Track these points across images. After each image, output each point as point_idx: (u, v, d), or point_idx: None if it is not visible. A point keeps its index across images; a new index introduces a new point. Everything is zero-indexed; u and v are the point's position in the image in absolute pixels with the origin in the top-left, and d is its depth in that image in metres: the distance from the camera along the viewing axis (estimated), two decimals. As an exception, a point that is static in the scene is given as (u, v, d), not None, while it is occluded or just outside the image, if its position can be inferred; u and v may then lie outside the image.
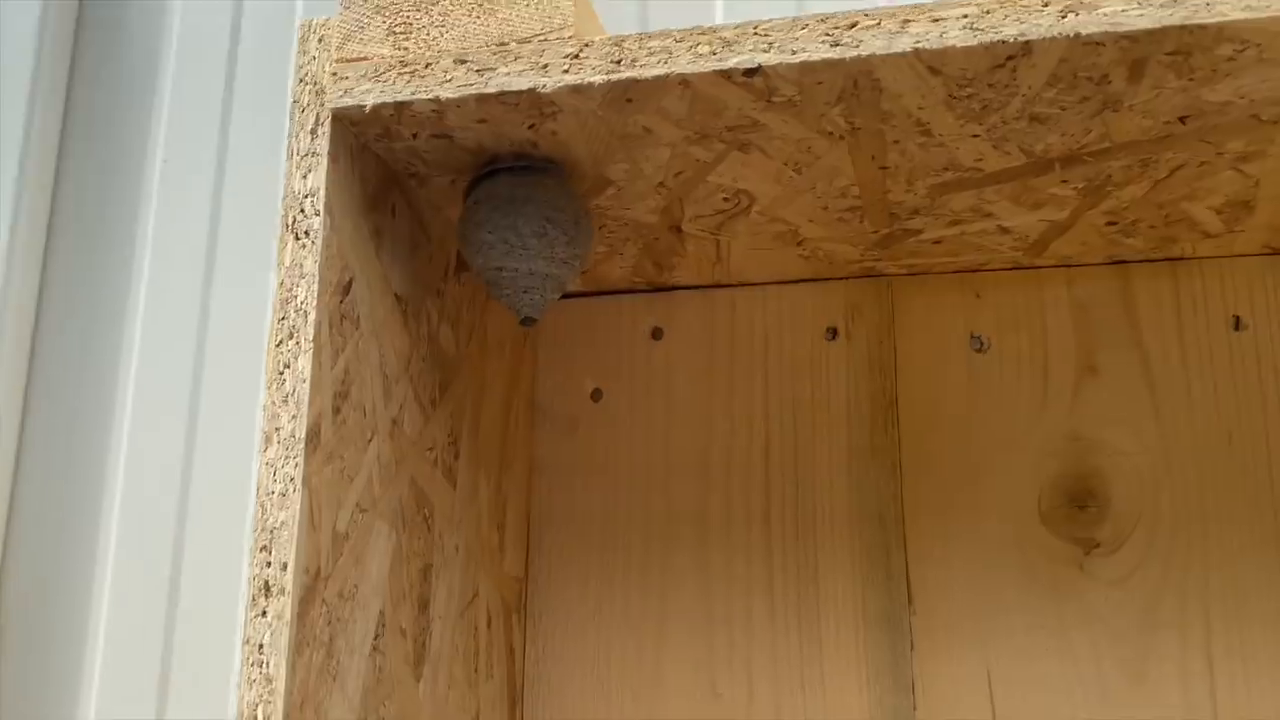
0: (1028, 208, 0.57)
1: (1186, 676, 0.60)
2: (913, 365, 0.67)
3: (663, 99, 0.46)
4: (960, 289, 0.67)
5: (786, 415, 0.68)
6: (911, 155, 0.51)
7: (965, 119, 0.47)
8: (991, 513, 0.64)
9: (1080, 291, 0.65)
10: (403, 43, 0.47)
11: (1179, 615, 0.60)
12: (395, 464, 0.52)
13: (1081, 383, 0.64)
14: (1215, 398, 0.63)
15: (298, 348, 0.45)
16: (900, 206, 0.57)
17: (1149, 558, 0.61)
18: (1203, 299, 0.64)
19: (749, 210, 0.58)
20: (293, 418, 0.45)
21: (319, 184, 0.47)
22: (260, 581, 0.43)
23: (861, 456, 0.66)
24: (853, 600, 0.65)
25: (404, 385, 0.53)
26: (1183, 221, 0.58)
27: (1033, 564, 0.63)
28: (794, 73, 0.43)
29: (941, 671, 0.63)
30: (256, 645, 0.43)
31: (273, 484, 0.44)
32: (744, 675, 0.65)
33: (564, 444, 0.71)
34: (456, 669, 0.58)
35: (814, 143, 0.50)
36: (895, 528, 0.65)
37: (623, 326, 0.72)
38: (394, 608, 0.52)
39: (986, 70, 0.43)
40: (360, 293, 0.49)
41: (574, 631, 0.68)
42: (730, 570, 0.67)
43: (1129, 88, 0.44)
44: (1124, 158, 0.50)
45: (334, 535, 0.46)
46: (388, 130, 0.49)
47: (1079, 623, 0.62)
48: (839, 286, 0.69)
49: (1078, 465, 0.63)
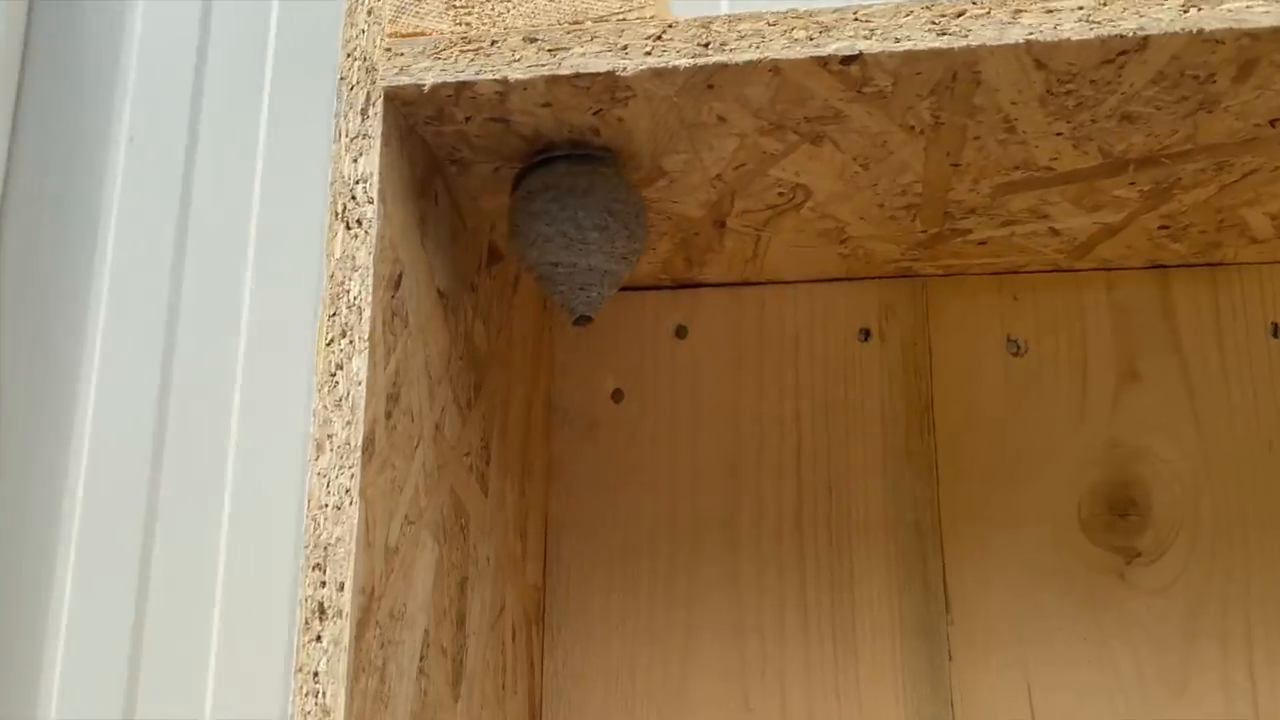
0: (1087, 210, 0.55)
1: (1229, 686, 0.59)
2: (948, 368, 0.65)
3: (747, 86, 0.43)
4: (997, 291, 0.66)
5: (819, 418, 0.66)
6: (988, 153, 0.49)
7: (1055, 116, 0.45)
8: (1030, 520, 0.63)
9: (1120, 295, 0.64)
10: (464, 17, 0.44)
11: (1220, 624, 0.60)
12: (438, 471, 0.49)
13: (1122, 388, 0.63)
14: (1255, 405, 0.62)
15: (351, 347, 0.41)
16: (958, 206, 0.55)
17: (1190, 566, 0.61)
18: (1242, 305, 0.63)
19: (801, 206, 0.55)
20: (347, 424, 0.41)
21: (371, 169, 0.43)
22: (314, 603, 0.39)
23: (897, 461, 0.64)
24: (888, 609, 0.63)
25: (445, 387, 0.50)
26: (1235, 227, 0.58)
27: (1072, 573, 0.62)
28: (894, 62, 0.41)
29: (980, 682, 0.61)
30: (311, 673, 0.39)
31: (326, 496, 0.40)
32: (776, 687, 0.63)
33: (584, 447, 0.67)
34: (488, 686, 0.55)
35: (891, 136, 0.47)
36: (932, 535, 0.63)
37: (645, 324, 0.69)
38: (436, 625, 0.48)
39: (1094, 66, 0.41)
40: (409, 287, 0.46)
41: (595, 644, 0.65)
42: (761, 579, 0.64)
43: (1232, 87, 0.43)
44: (1202, 160, 0.49)
45: (386, 550, 0.43)
46: (441, 112, 0.45)
47: (1120, 632, 0.61)
48: (872, 286, 0.67)
49: (1118, 473, 0.62)
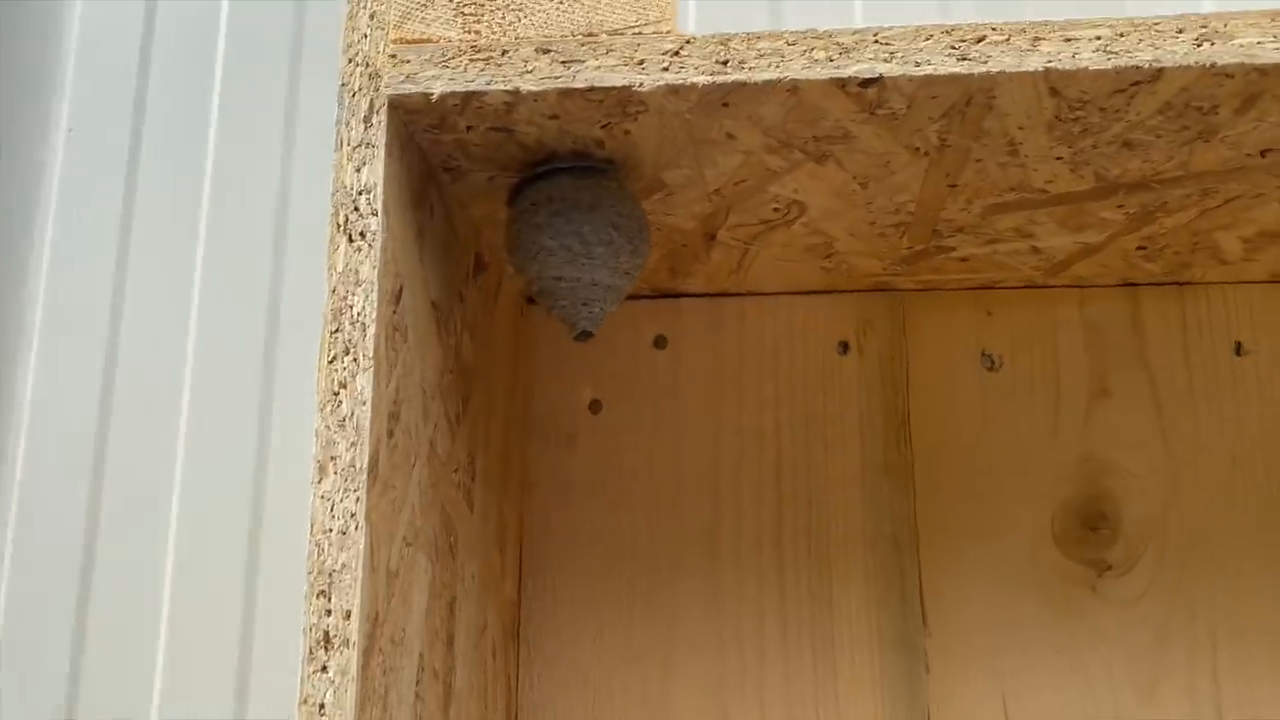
0: (1071, 230, 0.56)
1: (1195, 695, 0.61)
2: (924, 382, 0.66)
3: (762, 105, 0.43)
4: (972, 306, 0.66)
5: (798, 430, 0.66)
6: (986, 175, 0.49)
7: (1059, 141, 0.46)
8: (1006, 534, 0.63)
9: (1091, 313, 0.66)
10: (473, 25, 0.42)
11: (1187, 636, 0.61)
12: (432, 489, 0.47)
13: (1093, 404, 0.65)
14: (1220, 421, 0.64)
15: (355, 365, 0.40)
16: (948, 224, 0.55)
17: (1159, 579, 0.62)
18: (1208, 323, 0.65)
19: (794, 221, 0.55)
20: (352, 445, 0.39)
21: (375, 179, 0.41)
22: (319, 633, 0.38)
23: (875, 474, 0.65)
24: (867, 622, 0.63)
25: (437, 402, 0.48)
26: (1208, 249, 0.59)
27: (1047, 586, 0.63)
28: (912, 86, 0.41)
29: (956, 693, 0.62)
30: (317, 705, 0.37)
31: (330, 520, 0.39)
32: (756, 701, 0.63)
33: (562, 458, 0.66)
34: (473, 707, 0.54)
35: (895, 157, 0.47)
36: (909, 548, 0.64)
37: (624, 334, 0.68)
38: (429, 648, 0.47)
39: (1107, 94, 0.42)
40: (408, 301, 0.44)
41: (572, 659, 0.64)
42: (741, 592, 0.64)
43: (1232, 119, 0.44)
44: (1190, 186, 0.50)
45: (388, 575, 0.41)
46: (443, 121, 0.44)
47: (1092, 644, 0.62)
48: (850, 299, 0.67)
49: (1090, 487, 0.64)
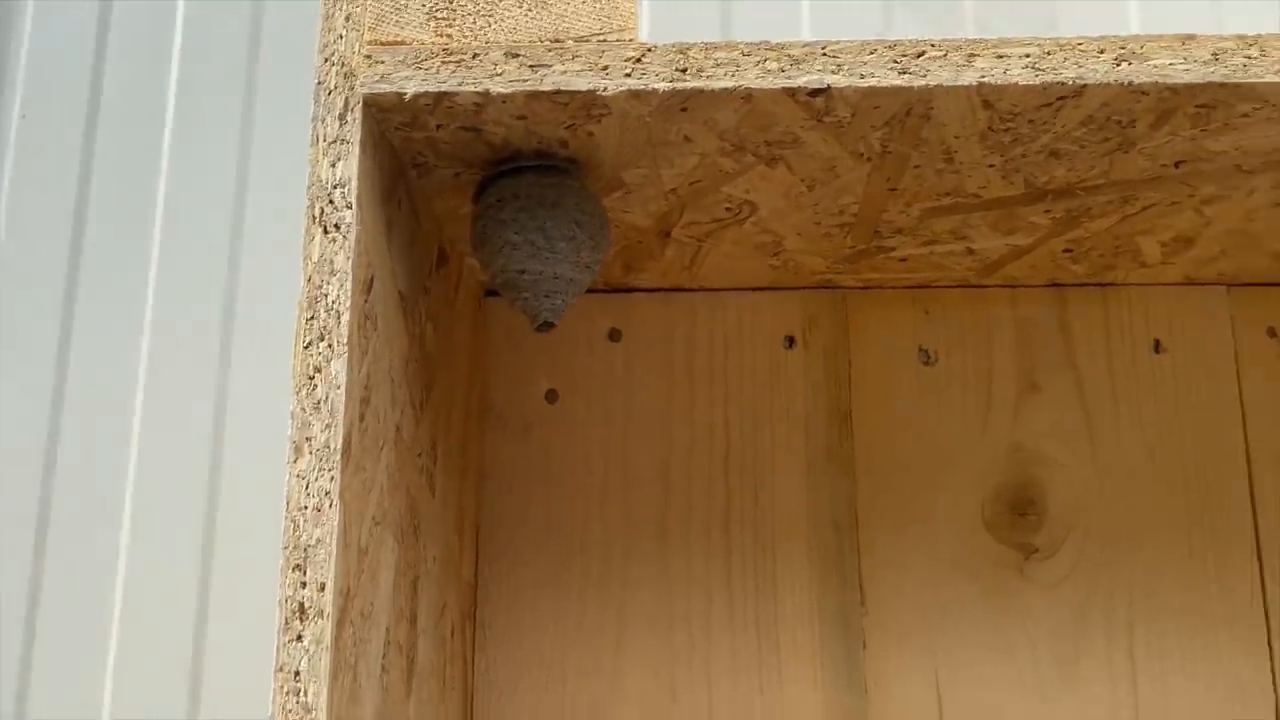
0: (1002, 233, 0.60)
1: (1112, 671, 0.65)
2: (866, 376, 0.69)
3: (718, 111, 0.45)
4: (911, 304, 0.70)
5: (746, 421, 0.69)
6: (924, 180, 0.53)
7: (990, 150, 0.49)
8: (940, 519, 0.67)
9: (1022, 312, 0.69)
10: (445, 29, 0.44)
11: (1105, 617, 0.66)
12: (398, 472, 0.49)
13: (1022, 398, 0.69)
14: (1139, 415, 0.68)
15: (330, 351, 0.42)
16: (888, 226, 0.59)
17: (1080, 563, 0.66)
18: (1129, 323, 0.69)
19: (745, 221, 0.58)
20: (326, 427, 0.41)
21: (350, 174, 0.43)
22: (294, 604, 0.40)
23: (818, 463, 0.68)
24: (808, 602, 0.66)
25: (403, 389, 0.50)
26: (1128, 252, 0.63)
27: (977, 567, 0.66)
28: (857, 96, 0.44)
29: (891, 668, 0.65)
30: (292, 672, 0.39)
31: (305, 498, 0.41)
32: (703, 677, 0.65)
33: (517, 447, 0.69)
34: (432, 684, 0.56)
35: (841, 162, 0.50)
36: (849, 533, 0.67)
37: (579, 327, 0.70)
38: (395, 624, 0.49)
39: (1034, 108, 0.45)
40: (378, 291, 0.46)
41: (527, 640, 0.66)
42: (689, 574, 0.67)
43: (1148, 133, 0.47)
44: (1111, 194, 0.54)
45: (359, 551, 0.43)
46: (415, 119, 0.46)
47: (1018, 621, 0.66)
48: (796, 296, 0.70)
49: (1019, 475, 0.68)
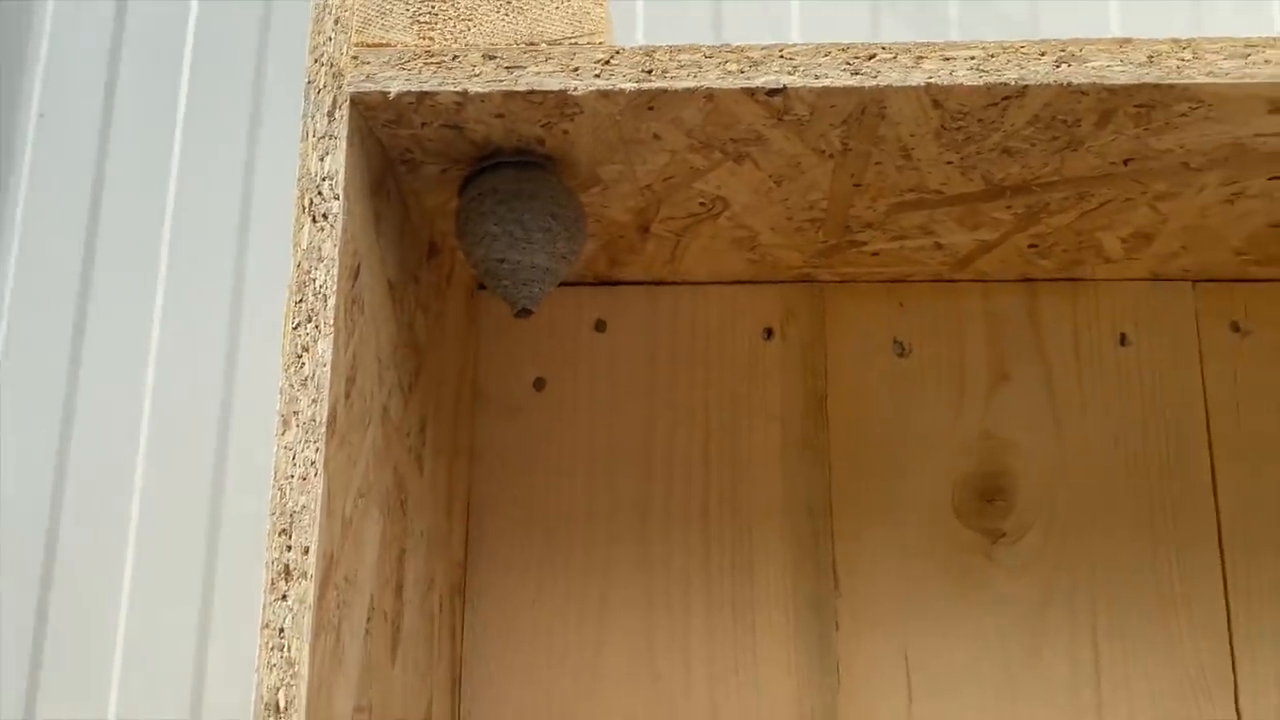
0: (968, 228, 0.62)
1: (1076, 654, 0.67)
2: (841, 367, 0.72)
3: (683, 109, 0.48)
4: (886, 297, 0.73)
5: (725, 410, 0.71)
6: (886, 176, 0.55)
7: (946, 148, 0.52)
8: (911, 505, 0.70)
9: (994, 305, 0.72)
10: (427, 32, 0.47)
11: (1069, 600, 0.68)
12: (385, 449, 0.52)
13: (993, 388, 0.71)
14: (1105, 405, 0.71)
15: (317, 331, 0.45)
16: (857, 220, 0.61)
17: (1046, 547, 0.69)
18: (1096, 317, 0.72)
19: (719, 215, 0.61)
20: (313, 401, 0.44)
21: (337, 167, 0.46)
22: (280, 565, 0.43)
23: (794, 451, 0.71)
24: (784, 586, 0.69)
25: (391, 371, 0.53)
26: (1092, 248, 0.66)
27: (946, 553, 0.69)
28: (812, 95, 0.47)
29: (863, 650, 0.68)
30: (277, 629, 0.42)
31: (292, 468, 0.44)
32: (682, 657, 0.68)
33: (506, 431, 0.72)
34: (419, 653, 0.59)
35: (805, 158, 0.53)
36: (824, 519, 0.70)
37: (567, 318, 0.73)
38: (379, 592, 0.52)
39: (981, 107, 0.48)
40: (365, 278, 0.49)
41: (513, 616, 0.69)
42: (669, 557, 0.70)
43: (1094, 132, 0.50)
44: (1066, 190, 0.57)
45: (343, 520, 0.46)
46: (400, 117, 0.49)
47: (986, 605, 0.68)
48: (775, 290, 0.73)
49: (988, 463, 0.70)
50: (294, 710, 0.42)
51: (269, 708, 0.42)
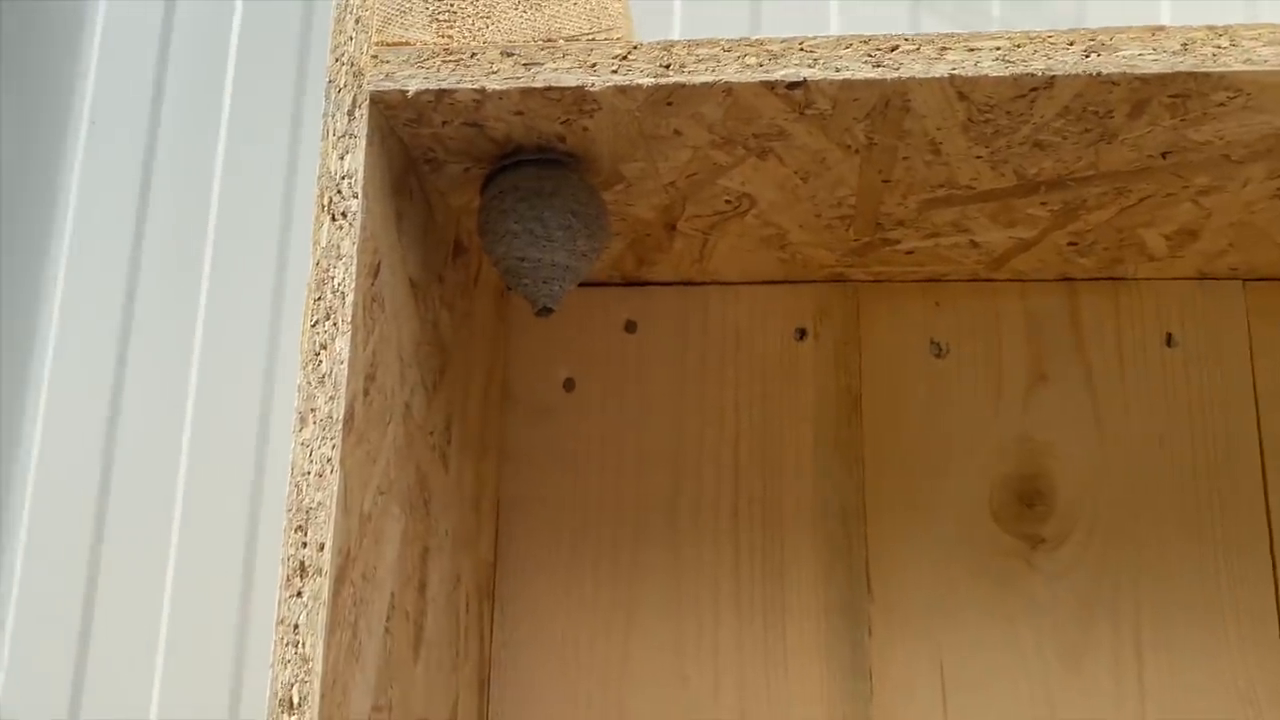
0: (1003, 225, 0.61)
1: (1119, 664, 0.65)
2: (876, 367, 0.71)
3: (702, 104, 0.48)
4: (922, 297, 0.71)
5: (756, 411, 0.71)
6: (915, 171, 0.54)
7: (975, 141, 0.51)
8: (947, 509, 0.68)
9: (1032, 305, 0.70)
10: (446, 30, 0.47)
11: (1112, 607, 0.66)
12: (406, 447, 0.52)
13: (1032, 389, 0.69)
14: (1149, 406, 0.68)
15: (335, 329, 0.45)
16: (888, 218, 0.60)
17: (1087, 553, 0.67)
18: (1140, 317, 0.70)
19: (746, 213, 0.60)
20: (330, 399, 0.44)
21: (356, 165, 0.46)
22: (295, 562, 0.43)
23: (826, 453, 0.70)
24: (815, 590, 0.68)
25: (414, 369, 0.54)
26: (1134, 245, 0.64)
27: (983, 558, 0.67)
28: (834, 89, 0.46)
29: (897, 658, 0.66)
30: (291, 625, 0.43)
31: (309, 464, 0.44)
32: (711, 662, 0.67)
33: (536, 432, 0.71)
34: (443, 652, 0.59)
35: (829, 154, 0.52)
36: (857, 522, 0.68)
37: (596, 318, 0.73)
38: (401, 590, 0.52)
39: (1009, 99, 0.46)
40: (385, 276, 0.49)
41: (542, 618, 0.69)
42: (699, 560, 0.69)
43: (1128, 123, 0.48)
44: (1103, 185, 0.55)
45: (360, 517, 0.47)
46: (420, 116, 0.49)
47: (1024, 613, 0.66)
48: (809, 289, 0.72)
49: (1027, 466, 0.68)
50: (308, 707, 0.42)
51: (283, 704, 0.42)
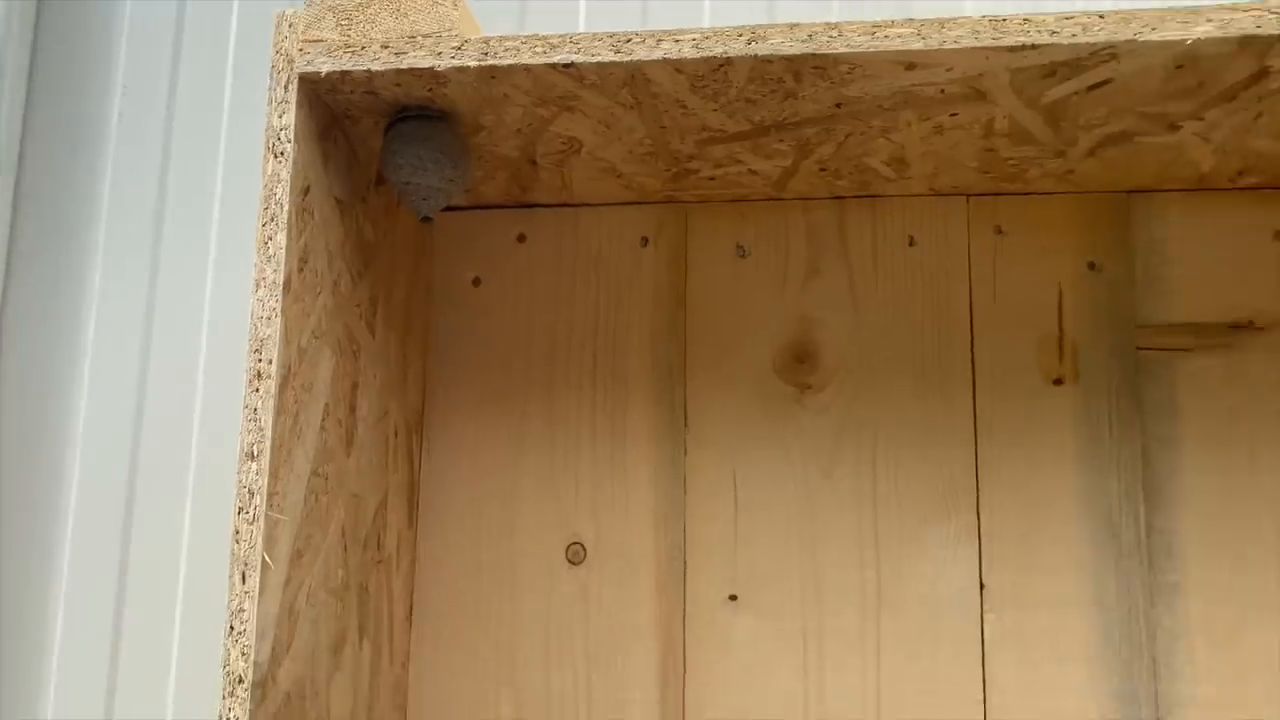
0: (764, 157, 0.86)
1: (859, 475, 0.91)
2: (697, 267, 0.96)
3: (515, 79, 0.73)
4: (731, 212, 0.96)
5: (611, 301, 0.96)
6: (679, 121, 0.79)
7: (706, 99, 0.75)
8: (744, 367, 0.94)
9: (811, 217, 0.95)
10: (346, 31, 0.73)
11: (856, 434, 0.91)
12: (335, 310, 0.79)
13: (808, 281, 0.94)
14: (893, 292, 0.93)
15: (276, 227, 0.71)
16: (680, 153, 0.85)
17: (840, 396, 0.92)
18: (890, 225, 0.94)
19: (580, 151, 0.85)
20: (275, 270, 0.71)
21: (290, 122, 0.72)
22: (254, 371, 0.70)
23: (661, 330, 0.95)
24: (649, 425, 0.94)
25: (340, 260, 0.80)
26: (869, 171, 0.88)
27: (767, 400, 0.93)
28: (593, 68, 0.71)
29: (704, 469, 0.92)
30: (253, 409, 0.69)
31: (261, 311, 0.70)
32: (573, 478, 0.94)
33: (452, 317, 0.98)
34: (374, 458, 0.86)
35: (613, 110, 0.77)
36: (680, 377, 0.94)
37: (496, 232, 0.99)
38: (334, 404, 0.78)
39: (709, 72, 0.71)
40: (314, 195, 0.75)
41: (460, 451, 0.95)
42: (568, 409, 0.95)
43: (797, 86, 0.73)
44: (811, 128, 0.79)
45: (299, 349, 0.73)
46: (334, 87, 0.75)
47: (794, 438, 0.92)
48: (649, 208, 0.97)
49: (801, 336, 0.93)
50: (262, 456, 0.69)
51: (246, 455, 0.69)
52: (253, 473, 0.68)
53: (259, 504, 0.68)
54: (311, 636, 0.74)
